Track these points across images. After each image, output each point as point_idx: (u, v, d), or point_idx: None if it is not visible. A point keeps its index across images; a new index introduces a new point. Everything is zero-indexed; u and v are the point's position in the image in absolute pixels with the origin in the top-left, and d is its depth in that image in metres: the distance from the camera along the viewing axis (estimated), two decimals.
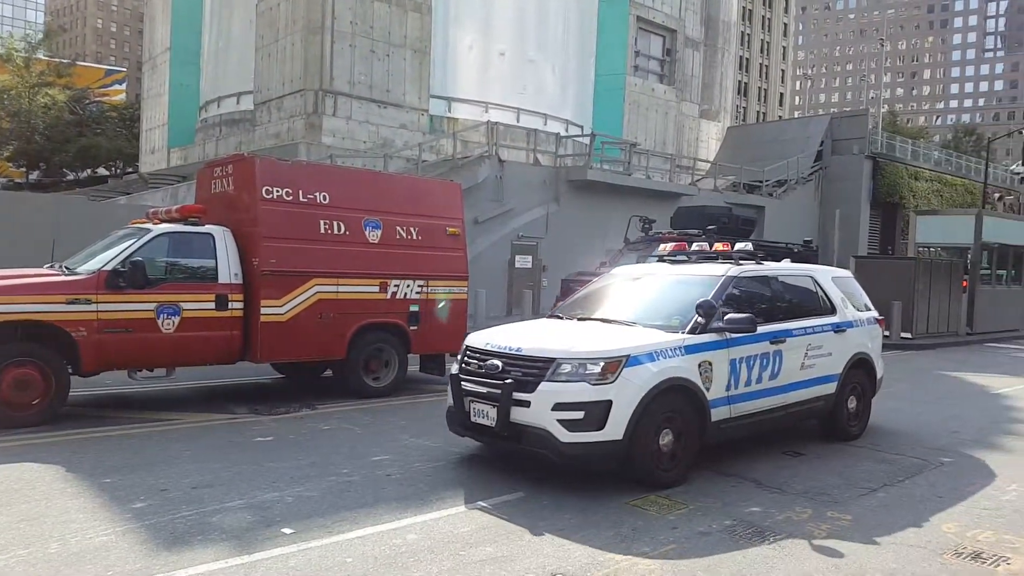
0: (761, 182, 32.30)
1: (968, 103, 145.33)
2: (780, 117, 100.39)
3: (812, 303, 7.90)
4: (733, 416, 6.61)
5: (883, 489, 6.26)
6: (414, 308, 10.14)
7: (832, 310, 7.97)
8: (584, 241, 22.20)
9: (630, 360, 5.84)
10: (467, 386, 6.34)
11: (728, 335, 6.48)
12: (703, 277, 7.14)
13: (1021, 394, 11.88)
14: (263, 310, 8.87)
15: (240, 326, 8.93)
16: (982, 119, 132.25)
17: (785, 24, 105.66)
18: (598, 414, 5.67)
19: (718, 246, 8.05)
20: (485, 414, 6.11)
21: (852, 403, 8.17)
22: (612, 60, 33.37)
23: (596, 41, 33.36)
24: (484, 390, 6.15)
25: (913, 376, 13.88)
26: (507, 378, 5.96)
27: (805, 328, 7.46)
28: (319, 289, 9.27)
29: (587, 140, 26.39)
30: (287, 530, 4.90)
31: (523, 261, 22.44)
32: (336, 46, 24.66)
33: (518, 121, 28.70)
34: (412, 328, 10.09)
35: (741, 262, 7.46)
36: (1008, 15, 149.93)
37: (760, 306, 7.18)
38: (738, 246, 8.01)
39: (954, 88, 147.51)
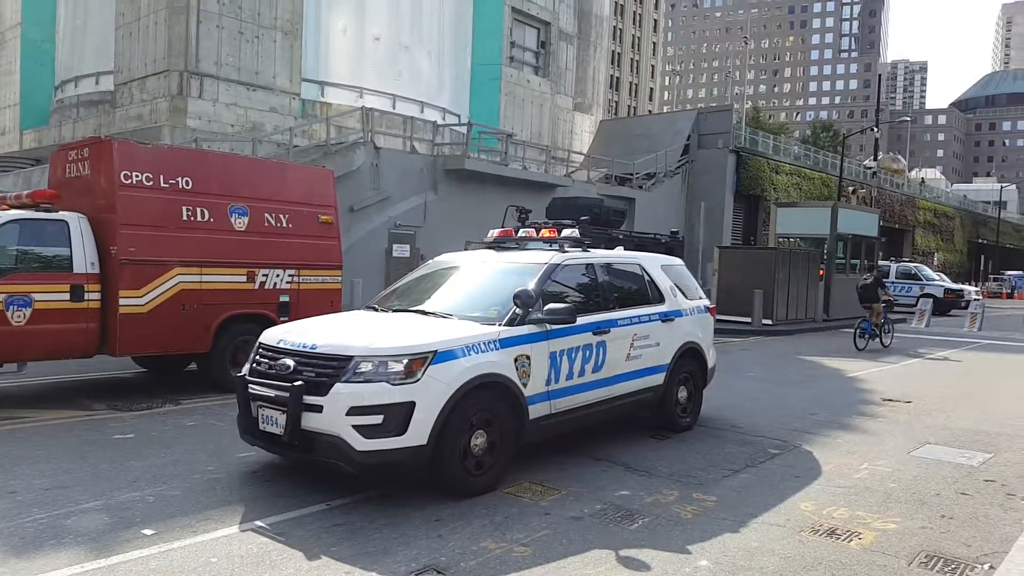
0: (632, 175, 33.40)
1: (826, 100, 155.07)
2: (650, 111, 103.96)
3: (640, 292, 7.68)
4: (554, 412, 6.28)
5: (745, 470, 6.57)
6: (284, 299, 9.97)
7: (660, 299, 7.80)
8: (462, 230, 22.23)
9: (437, 356, 5.36)
10: (255, 389, 5.66)
11: (548, 326, 6.15)
12: (525, 265, 6.79)
13: (873, 377, 12.80)
14: (122, 301, 8.51)
15: (98, 318, 8.53)
16: (838, 116, 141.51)
17: (655, 20, 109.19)
18: (399, 417, 5.15)
19: (545, 232, 7.69)
20: (274, 421, 5.46)
21: (682, 394, 8.02)
22: (488, 50, 33.59)
23: (472, 30, 33.46)
24: (273, 394, 5.47)
25: (773, 360, 14.82)
26: (298, 379, 5.35)
27: (631, 318, 7.24)
28: (181, 279, 8.97)
29: (464, 129, 26.46)
30: (148, 531, 4.76)
31: (401, 250, 22.28)
32: (202, 26, 23.61)
33: (394, 108, 28.43)
34: (282, 319, 9.90)
35: (567, 249, 7.16)
36: (861, 19, 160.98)
37: (584, 295, 6.94)
38: (564, 232, 7.59)
39: (813, 86, 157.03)
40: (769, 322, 20.65)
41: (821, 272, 23.35)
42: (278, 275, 9.91)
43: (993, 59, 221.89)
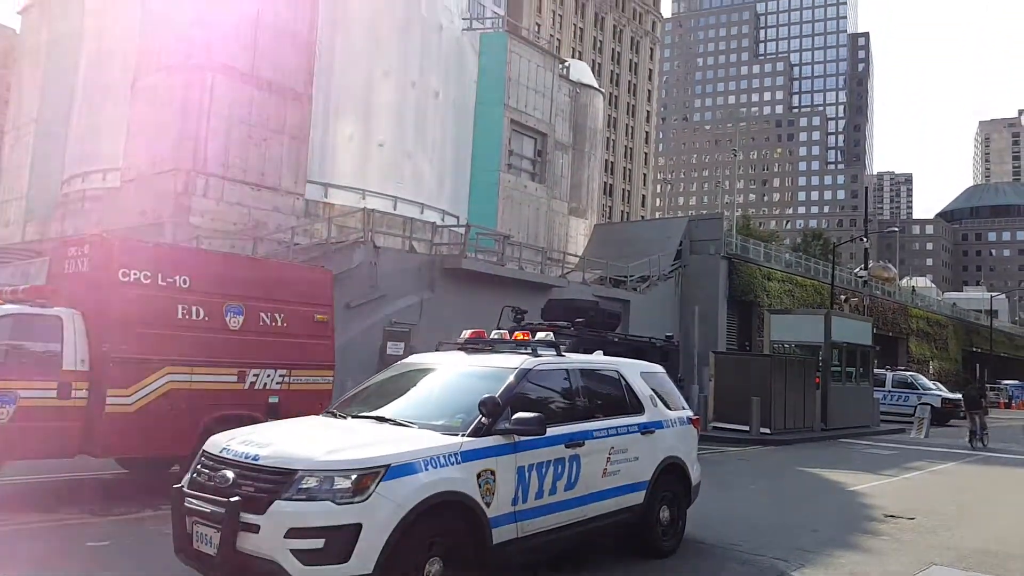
0: (626, 277, 33.72)
1: (815, 210, 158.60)
2: (643, 217, 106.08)
3: (617, 400, 7.15)
4: (521, 536, 5.65)
5: None
6: (273, 399, 9.84)
7: (640, 408, 7.26)
8: (458, 329, 22.10)
9: (390, 471, 4.84)
10: (192, 503, 5.12)
11: (516, 438, 5.63)
12: (494, 370, 6.31)
13: (874, 491, 12.51)
14: (109, 399, 8.38)
15: (83, 417, 8.36)
16: (828, 225, 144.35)
17: (647, 132, 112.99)
18: (342, 542, 4.61)
19: (518, 334, 7.29)
20: (208, 540, 4.92)
21: (664, 514, 7.36)
22: (488, 157, 34.51)
23: (473, 139, 34.46)
24: (208, 509, 4.94)
25: (773, 472, 14.55)
26: (236, 494, 4.84)
27: (608, 429, 6.67)
28: (171, 378, 8.87)
29: (462, 230, 26.84)
30: None
31: (395, 348, 22.18)
32: (211, 128, 24.25)
33: (395, 209, 28.92)
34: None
35: (540, 353, 6.70)
36: (846, 132, 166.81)
37: (557, 403, 6.46)
38: (539, 335, 7.23)
39: (801, 195, 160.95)
40: (767, 431, 20.37)
41: (817, 380, 23.24)
42: (269, 375, 9.82)
43: (974, 172, 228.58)
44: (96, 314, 8.62)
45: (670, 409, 7.76)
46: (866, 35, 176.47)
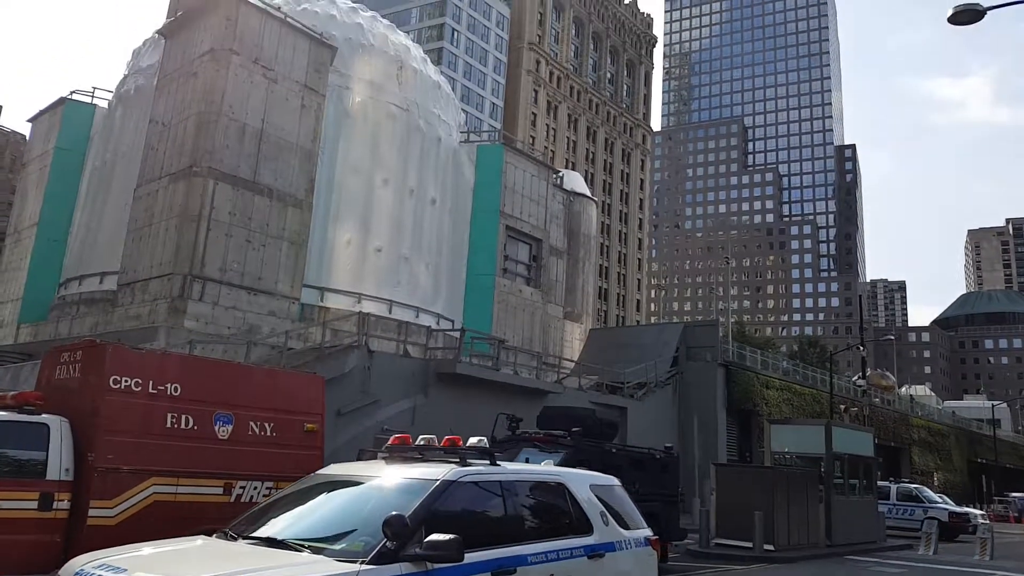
0: (623, 383, 33.49)
1: (809, 317, 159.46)
2: (638, 322, 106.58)
3: (561, 518, 6.19)
4: None
5: None
6: None
7: (587, 528, 6.25)
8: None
9: None
10: None
11: (430, 565, 4.78)
12: (412, 482, 5.48)
13: None
14: (91, 511, 8.11)
15: (64, 529, 8.07)
16: (823, 332, 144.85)
17: (640, 239, 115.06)
18: None
19: (449, 439, 6.59)
20: None
21: None
22: (483, 262, 34.94)
23: (469, 244, 34.99)
24: None
25: None
26: None
27: (547, 553, 5.70)
28: (156, 489, 8.62)
29: (457, 334, 26.83)
30: None
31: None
32: (212, 234, 24.63)
33: (390, 313, 29.05)
34: None
35: (470, 461, 5.90)
36: (837, 241, 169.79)
37: (485, 522, 5.62)
38: (471, 440, 6.50)
39: (796, 303, 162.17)
40: (771, 547, 19.68)
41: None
42: (255, 487, 9.55)
43: (966, 279, 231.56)
44: (84, 422, 8.46)
45: (626, 528, 6.73)
46: (852, 147, 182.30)
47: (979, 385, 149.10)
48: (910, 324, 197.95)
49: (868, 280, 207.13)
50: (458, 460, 5.88)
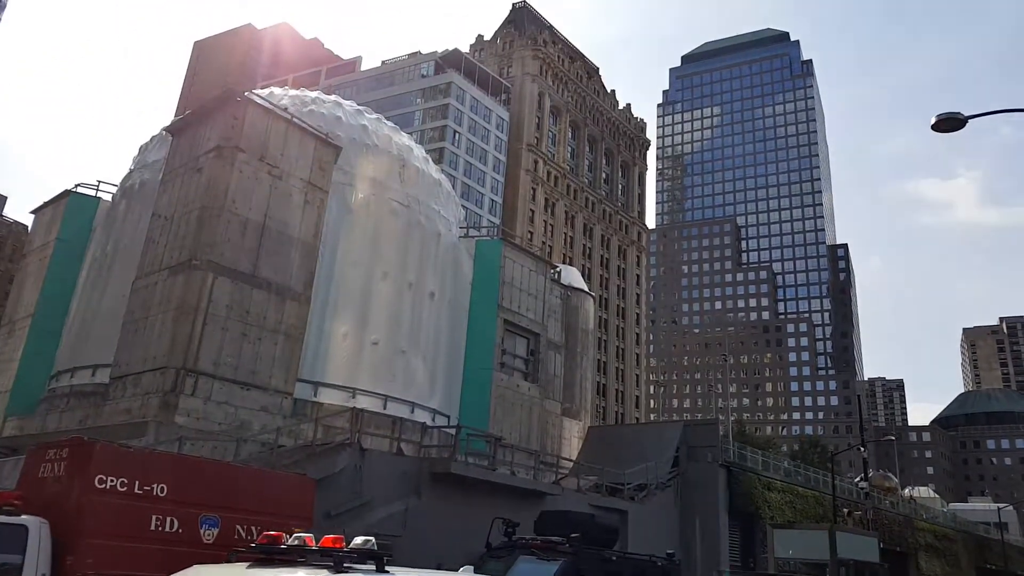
0: (623, 485, 32.71)
1: (809, 416, 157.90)
2: (637, 419, 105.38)
3: None
4: None
5: None
6: None
7: None
8: (445, 541, 21.17)
9: None
10: None
11: None
12: None
13: None
14: None
15: None
16: (823, 431, 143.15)
17: (637, 334, 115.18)
18: None
19: (329, 539, 5.77)
20: None
21: None
22: (481, 356, 34.69)
23: (466, 338, 34.83)
24: None
25: None
26: None
27: None
28: None
29: (453, 431, 26.31)
30: None
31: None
32: (208, 328, 24.46)
33: (385, 408, 28.59)
34: None
35: (349, 567, 5.01)
36: (834, 339, 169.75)
37: None
38: (356, 540, 5.75)
39: (795, 401, 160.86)
40: None
41: None
42: None
43: (964, 378, 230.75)
44: (66, 523, 8.12)
45: None
46: (844, 246, 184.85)
47: (983, 487, 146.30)
48: (910, 423, 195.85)
49: (866, 378, 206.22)
50: (331, 565, 4.91)
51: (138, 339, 25.80)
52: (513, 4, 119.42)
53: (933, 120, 12.50)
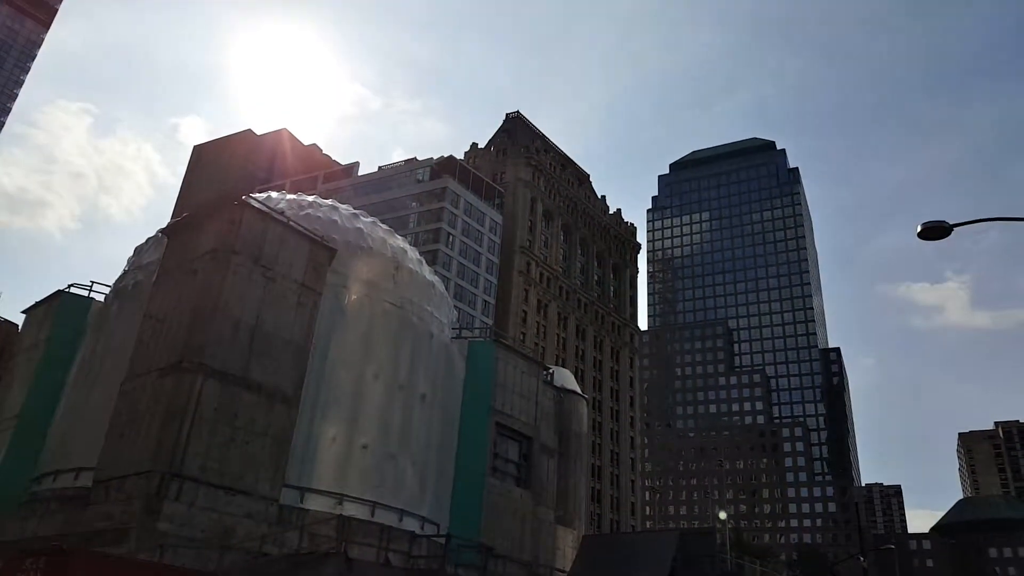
0: None
1: (807, 523, 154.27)
2: (633, 527, 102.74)
3: None
4: None
5: None
6: None
7: None
8: None
9: None
10: None
11: None
12: None
13: None
14: None
15: None
16: (821, 539, 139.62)
17: (632, 437, 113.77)
18: None
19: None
20: None
21: None
22: (473, 459, 34.08)
23: (458, 441, 34.30)
24: None
25: None
26: None
27: None
28: None
29: (442, 540, 25.56)
30: None
31: None
32: (194, 430, 24.05)
33: (372, 515, 27.85)
34: None
35: None
36: (829, 444, 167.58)
37: None
38: None
39: (792, 507, 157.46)
40: None
41: None
42: None
43: (962, 483, 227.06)
44: None
45: None
46: (837, 350, 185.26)
47: None
48: (909, 530, 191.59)
49: (863, 483, 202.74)
50: None
51: (124, 442, 25.32)
52: (507, 114, 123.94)
53: (919, 228, 12.70)
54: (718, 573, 35.19)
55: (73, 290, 35.05)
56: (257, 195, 32.74)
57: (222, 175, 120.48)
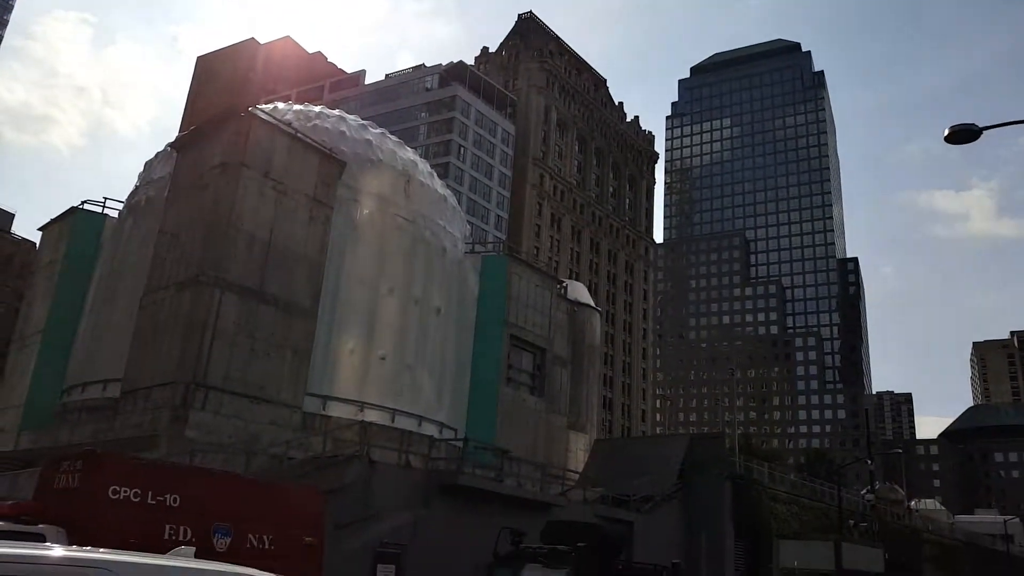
0: (628, 497, 32.78)
1: (816, 429, 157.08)
2: (643, 432, 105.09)
3: None
4: None
5: None
6: None
7: None
8: (453, 550, 21.40)
9: None
10: None
11: None
12: None
13: None
14: None
15: None
16: (830, 444, 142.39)
17: (644, 349, 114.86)
18: None
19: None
20: None
21: None
22: (487, 370, 34.90)
23: (473, 353, 35.04)
24: None
25: None
26: None
27: None
28: None
29: (460, 444, 26.50)
30: None
31: (385, 571, 21.18)
32: (216, 343, 24.75)
33: (392, 422, 28.81)
34: None
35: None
36: (842, 353, 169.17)
37: None
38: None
39: (802, 414, 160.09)
40: None
41: None
42: None
43: (973, 391, 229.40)
44: (82, 532, 8.35)
45: None
46: (855, 260, 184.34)
47: (990, 499, 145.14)
48: (918, 436, 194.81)
49: (874, 392, 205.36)
50: None
51: (147, 354, 26.12)
52: (519, 16, 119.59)
53: (946, 132, 12.38)
54: (725, 475, 36.31)
55: (86, 207, 35.41)
56: (263, 106, 32.53)
57: (227, 86, 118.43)
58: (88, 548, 4.58)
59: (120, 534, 8.38)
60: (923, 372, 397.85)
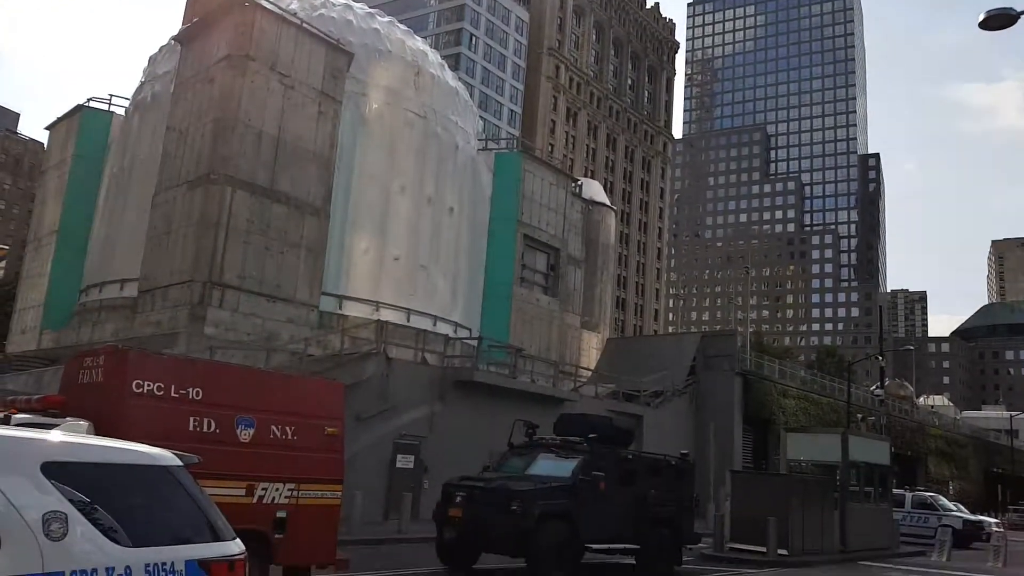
0: (639, 392, 33.38)
1: (829, 327, 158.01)
2: (655, 331, 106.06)
3: None
4: None
5: None
6: (281, 514, 9.58)
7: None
8: (468, 442, 22.03)
9: None
10: None
11: None
12: None
13: None
14: None
15: None
16: (842, 342, 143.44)
17: (659, 248, 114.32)
18: None
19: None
20: None
21: None
22: (501, 271, 34.96)
23: (486, 253, 35.02)
24: None
25: None
26: None
27: None
28: None
29: (475, 342, 26.85)
30: None
31: (405, 461, 21.93)
32: (229, 242, 24.80)
33: (408, 321, 29.13)
34: (277, 536, 9.46)
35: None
36: (859, 251, 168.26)
37: None
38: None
39: (815, 313, 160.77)
40: (785, 552, 19.63)
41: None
42: (277, 489, 9.62)
43: (988, 290, 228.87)
44: (107, 425, 8.56)
45: (138, 545, 3.76)
46: (876, 156, 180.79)
47: (998, 396, 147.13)
48: (930, 335, 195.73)
49: (889, 290, 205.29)
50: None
51: (162, 253, 26.26)
52: None
53: (981, 16, 11.74)
54: (736, 371, 36.81)
55: (92, 104, 34.88)
56: None
57: None
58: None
59: (145, 426, 8.59)
60: (941, 270, 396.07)
